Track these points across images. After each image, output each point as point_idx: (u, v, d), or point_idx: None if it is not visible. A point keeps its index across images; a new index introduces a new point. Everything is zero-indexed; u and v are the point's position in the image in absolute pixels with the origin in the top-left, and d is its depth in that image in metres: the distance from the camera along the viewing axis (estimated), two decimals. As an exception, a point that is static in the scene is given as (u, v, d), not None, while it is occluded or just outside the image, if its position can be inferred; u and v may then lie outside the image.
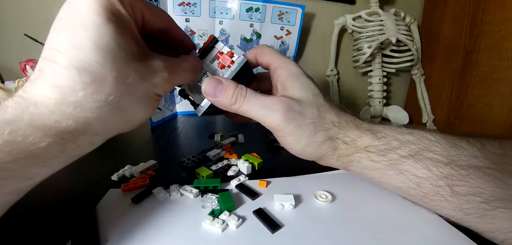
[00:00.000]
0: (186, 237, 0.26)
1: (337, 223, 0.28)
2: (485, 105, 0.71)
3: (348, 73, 0.96)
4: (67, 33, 0.19)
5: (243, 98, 0.28)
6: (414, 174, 0.26)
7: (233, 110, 0.29)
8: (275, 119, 0.28)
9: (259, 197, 0.32)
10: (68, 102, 0.18)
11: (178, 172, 0.39)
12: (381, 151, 0.28)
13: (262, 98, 0.28)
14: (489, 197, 0.23)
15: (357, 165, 0.29)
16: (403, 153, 0.27)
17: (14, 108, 0.18)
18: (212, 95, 0.28)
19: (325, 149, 0.30)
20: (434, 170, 0.25)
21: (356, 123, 0.30)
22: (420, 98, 0.91)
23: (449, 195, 0.25)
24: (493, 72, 0.69)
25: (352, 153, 0.29)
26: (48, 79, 0.19)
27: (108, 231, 0.26)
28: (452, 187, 0.24)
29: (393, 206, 0.31)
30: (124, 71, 0.20)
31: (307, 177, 0.37)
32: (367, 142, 0.28)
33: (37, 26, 0.69)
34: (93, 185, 0.35)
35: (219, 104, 0.29)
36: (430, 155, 0.26)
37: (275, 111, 0.28)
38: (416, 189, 0.26)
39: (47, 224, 0.28)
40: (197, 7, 0.67)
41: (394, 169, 0.27)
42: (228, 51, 0.31)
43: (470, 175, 0.24)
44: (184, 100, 0.71)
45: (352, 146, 0.29)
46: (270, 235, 0.26)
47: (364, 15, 0.84)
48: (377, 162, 0.28)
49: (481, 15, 0.70)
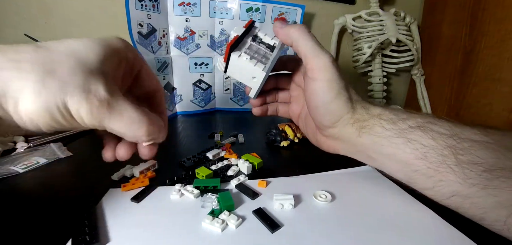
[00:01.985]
0: (185, 237, 0.26)
1: (336, 223, 0.28)
2: (485, 105, 0.71)
3: (348, 73, 0.96)
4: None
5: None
6: (421, 143, 0.27)
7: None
8: (325, 59, 0.31)
9: (259, 197, 0.32)
10: None
11: (178, 172, 0.39)
12: (392, 120, 0.30)
13: (310, 43, 0.32)
14: (490, 167, 0.24)
15: (369, 132, 0.31)
16: (411, 123, 0.29)
17: None
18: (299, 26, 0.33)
19: (348, 108, 0.32)
20: (439, 140, 0.27)
21: (369, 101, 0.34)
22: (420, 98, 0.91)
23: (453, 164, 0.26)
24: (493, 72, 0.69)
25: (366, 119, 0.31)
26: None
27: (108, 231, 0.26)
28: (456, 155, 0.26)
29: (393, 206, 0.31)
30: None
31: (307, 177, 0.37)
32: (379, 111, 0.32)
33: (37, 26, 0.69)
34: (93, 185, 0.36)
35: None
36: (435, 128, 0.28)
37: (325, 55, 0.32)
38: (423, 160, 0.27)
39: (47, 223, 0.28)
40: (197, 7, 0.67)
41: (403, 137, 0.29)
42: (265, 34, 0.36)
43: (472, 146, 0.26)
44: (184, 100, 0.71)
45: (367, 112, 0.32)
46: (270, 234, 0.26)
47: (364, 15, 0.84)
48: (388, 130, 0.30)
49: (481, 15, 0.70)
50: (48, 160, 0.42)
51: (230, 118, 0.72)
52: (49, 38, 0.66)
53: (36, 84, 0.19)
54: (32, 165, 0.41)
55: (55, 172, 0.40)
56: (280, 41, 0.35)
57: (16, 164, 0.40)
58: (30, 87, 0.18)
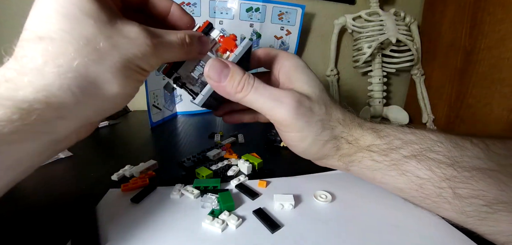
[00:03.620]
0: (185, 237, 0.26)
1: (337, 223, 0.28)
2: (485, 105, 0.71)
3: (348, 73, 0.96)
4: (35, 10, 0.19)
5: (251, 86, 0.26)
6: (417, 175, 0.25)
7: (237, 98, 0.26)
8: (283, 113, 0.26)
9: (259, 197, 0.32)
10: (26, 70, 0.18)
11: (178, 172, 0.39)
12: (383, 150, 0.27)
13: (271, 89, 0.26)
14: (492, 200, 0.22)
15: (358, 165, 0.28)
16: (405, 153, 0.26)
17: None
18: (216, 80, 0.26)
19: (329, 149, 0.28)
20: (437, 171, 0.24)
21: (359, 121, 0.29)
22: (420, 98, 0.91)
23: (451, 197, 0.24)
24: (493, 72, 0.69)
25: (354, 153, 0.28)
26: (13, 56, 0.19)
27: (108, 231, 0.26)
28: (454, 189, 0.24)
29: (393, 206, 0.31)
30: (93, 37, 0.19)
31: (307, 177, 0.37)
32: (369, 141, 0.27)
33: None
34: (93, 185, 0.35)
35: (222, 91, 0.26)
36: (432, 156, 0.25)
37: (285, 104, 0.26)
38: (418, 190, 0.26)
39: (47, 224, 0.28)
40: (197, 7, 0.67)
41: (396, 169, 0.26)
42: (231, 34, 0.29)
43: (473, 177, 0.23)
44: (184, 100, 0.71)
45: (354, 145, 0.28)
46: (270, 235, 0.26)
47: (364, 15, 0.84)
48: (379, 162, 0.27)
49: (481, 15, 0.70)
50: (48, 160, 0.42)
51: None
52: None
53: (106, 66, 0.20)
54: (32, 165, 0.41)
55: (55, 172, 0.40)
56: None
57: (16, 164, 0.40)
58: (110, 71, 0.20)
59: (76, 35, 0.19)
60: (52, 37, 0.18)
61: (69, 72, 0.19)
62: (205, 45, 0.27)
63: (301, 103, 0.26)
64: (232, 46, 0.28)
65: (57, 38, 0.18)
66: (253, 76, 0.26)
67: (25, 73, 0.18)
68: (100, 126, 0.64)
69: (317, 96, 0.28)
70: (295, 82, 0.28)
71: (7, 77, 0.18)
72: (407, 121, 0.92)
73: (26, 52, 0.18)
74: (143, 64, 0.22)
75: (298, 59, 0.30)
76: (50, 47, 0.18)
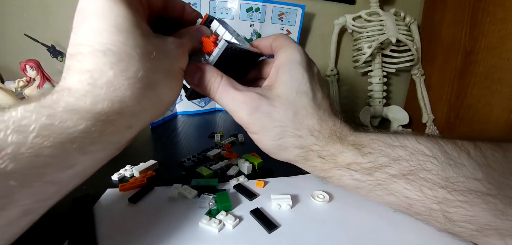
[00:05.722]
0: (182, 237, 0.26)
1: (334, 223, 0.28)
2: (485, 105, 0.71)
3: (348, 73, 0.96)
4: (85, 25, 0.20)
5: (216, 88, 0.28)
6: (406, 196, 0.24)
7: (210, 97, 0.29)
8: (241, 117, 0.28)
9: (257, 197, 0.32)
10: (101, 84, 0.19)
11: (178, 172, 0.39)
12: (367, 169, 0.25)
13: (234, 92, 0.27)
14: (484, 226, 0.21)
15: (337, 181, 0.27)
16: (393, 172, 0.24)
17: (50, 97, 0.18)
18: (191, 82, 0.28)
19: (294, 156, 0.28)
20: (428, 193, 0.23)
21: (342, 134, 0.27)
22: (420, 98, 0.91)
23: (441, 219, 0.23)
24: (493, 72, 0.69)
25: (330, 169, 0.27)
26: (76, 69, 0.19)
27: (105, 231, 0.26)
28: (445, 213, 0.22)
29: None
30: (146, 47, 0.21)
31: (305, 177, 0.37)
32: (349, 159, 0.26)
33: (37, 26, 0.70)
34: (93, 185, 0.36)
35: (198, 91, 0.28)
36: (424, 175, 0.23)
37: (242, 109, 0.27)
38: (408, 209, 0.25)
39: (43, 224, 0.28)
40: (197, 7, 0.67)
41: (382, 190, 0.25)
42: (212, 35, 0.29)
43: (468, 202, 0.21)
44: (184, 100, 0.71)
45: (329, 161, 0.27)
46: (267, 235, 0.26)
47: (364, 15, 0.84)
48: (362, 181, 0.25)
49: (481, 15, 0.70)
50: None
51: (230, 118, 0.71)
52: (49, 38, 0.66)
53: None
54: (32, 165, 0.41)
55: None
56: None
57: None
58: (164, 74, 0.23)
59: (133, 46, 0.20)
60: (114, 51, 0.19)
61: (137, 83, 0.20)
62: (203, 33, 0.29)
63: (257, 109, 0.27)
64: (211, 48, 0.28)
65: (118, 51, 0.19)
66: (221, 78, 0.28)
67: (100, 86, 0.19)
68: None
69: (287, 99, 0.27)
70: (276, 80, 0.29)
71: (80, 91, 0.19)
72: (407, 121, 0.92)
73: (91, 67, 0.19)
74: (183, 64, 0.25)
75: (294, 54, 0.29)
76: (115, 60, 0.19)
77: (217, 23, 0.30)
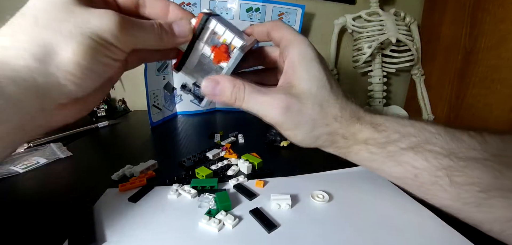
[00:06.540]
0: (182, 237, 0.26)
1: (333, 223, 0.28)
2: (485, 105, 0.71)
3: (348, 73, 0.96)
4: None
5: (242, 98, 0.28)
6: (413, 165, 0.26)
7: (235, 107, 0.29)
8: (273, 118, 0.28)
9: (256, 197, 0.32)
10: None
11: (178, 172, 0.39)
12: (381, 143, 0.28)
13: (261, 97, 0.28)
14: (487, 187, 0.23)
15: (355, 156, 0.30)
16: (402, 145, 0.27)
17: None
18: (211, 95, 0.29)
19: (323, 141, 0.30)
20: (433, 162, 0.25)
21: (359, 115, 0.30)
22: (420, 98, 0.91)
23: (447, 185, 0.25)
24: (493, 72, 0.69)
25: (351, 146, 0.29)
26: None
27: (105, 231, 0.26)
28: (450, 177, 0.25)
29: (390, 206, 0.31)
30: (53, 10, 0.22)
31: (305, 177, 0.37)
32: (367, 135, 0.28)
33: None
34: (93, 185, 0.36)
35: (220, 103, 0.29)
36: (429, 147, 0.26)
37: (274, 112, 0.28)
38: (414, 179, 0.27)
39: (45, 224, 0.28)
40: (197, 7, 0.67)
41: (392, 160, 0.27)
42: (222, 44, 0.29)
43: (468, 166, 0.24)
44: (184, 100, 0.71)
45: (350, 139, 0.29)
46: (266, 235, 0.26)
47: (364, 15, 0.84)
48: (376, 154, 0.28)
49: (481, 15, 0.70)
50: (48, 160, 0.43)
51: (230, 118, 0.72)
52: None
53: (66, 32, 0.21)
54: (32, 165, 0.41)
55: (55, 172, 0.40)
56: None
57: (16, 164, 0.41)
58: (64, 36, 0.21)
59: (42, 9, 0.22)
60: (24, 12, 0.22)
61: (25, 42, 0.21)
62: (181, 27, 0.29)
63: (288, 108, 0.28)
64: (225, 58, 0.29)
65: (26, 13, 0.22)
66: (243, 86, 0.28)
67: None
68: (100, 126, 0.65)
69: (312, 94, 0.29)
70: (295, 78, 0.29)
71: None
72: (407, 121, 0.92)
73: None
74: (109, 37, 0.23)
75: (306, 48, 0.30)
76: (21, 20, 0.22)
77: (215, 22, 0.29)
